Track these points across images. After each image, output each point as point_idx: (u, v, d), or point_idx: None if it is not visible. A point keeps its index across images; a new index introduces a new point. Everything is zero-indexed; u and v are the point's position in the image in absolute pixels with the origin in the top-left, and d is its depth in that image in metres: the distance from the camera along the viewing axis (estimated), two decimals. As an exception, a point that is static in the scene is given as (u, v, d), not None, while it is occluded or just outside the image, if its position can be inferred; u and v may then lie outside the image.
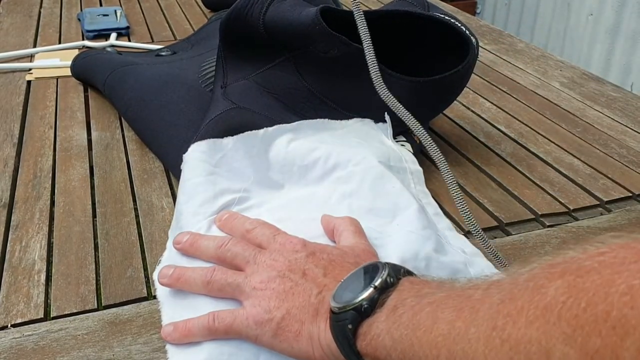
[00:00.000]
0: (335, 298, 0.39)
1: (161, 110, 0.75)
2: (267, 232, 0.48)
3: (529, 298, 0.28)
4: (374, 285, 0.38)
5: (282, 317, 0.41)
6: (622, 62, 2.23)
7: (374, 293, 0.38)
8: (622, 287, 0.24)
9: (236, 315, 0.43)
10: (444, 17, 0.72)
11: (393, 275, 0.39)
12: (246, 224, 0.50)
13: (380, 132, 0.69)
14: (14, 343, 0.46)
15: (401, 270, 0.40)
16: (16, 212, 0.63)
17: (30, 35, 1.17)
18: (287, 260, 0.44)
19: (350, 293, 0.39)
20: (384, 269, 0.39)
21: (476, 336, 0.29)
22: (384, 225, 0.56)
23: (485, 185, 0.69)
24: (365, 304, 0.37)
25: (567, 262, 0.28)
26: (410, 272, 0.41)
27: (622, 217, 0.64)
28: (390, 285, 0.38)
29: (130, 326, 0.48)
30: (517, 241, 0.60)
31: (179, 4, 1.38)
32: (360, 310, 0.37)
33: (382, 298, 0.37)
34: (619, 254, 0.26)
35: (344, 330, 0.37)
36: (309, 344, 0.40)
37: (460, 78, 0.71)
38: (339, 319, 0.38)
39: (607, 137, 0.81)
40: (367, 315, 0.37)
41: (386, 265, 0.40)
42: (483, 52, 1.10)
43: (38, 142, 0.77)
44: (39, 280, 0.53)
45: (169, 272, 0.48)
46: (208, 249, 0.49)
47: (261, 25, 0.69)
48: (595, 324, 0.24)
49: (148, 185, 0.68)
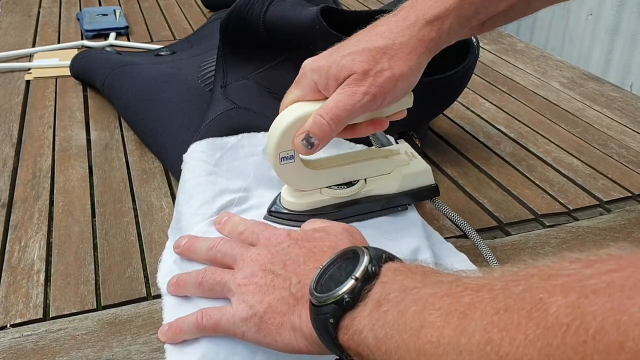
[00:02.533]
0: (315, 289, 0.38)
1: (160, 110, 0.75)
2: (257, 230, 0.49)
3: (527, 313, 0.26)
4: (355, 276, 0.36)
5: (265, 311, 0.41)
6: (622, 62, 2.23)
7: (356, 285, 0.36)
8: (637, 316, 0.22)
9: (223, 313, 0.43)
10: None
11: (375, 263, 0.37)
12: (240, 226, 0.51)
13: None
14: (13, 343, 0.46)
15: (383, 256, 0.38)
16: (15, 212, 0.63)
17: (29, 35, 1.16)
18: (270, 252, 0.44)
19: (330, 283, 0.37)
20: (364, 256, 0.37)
21: (468, 348, 0.28)
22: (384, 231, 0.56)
23: (485, 186, 0.69)
24: (347, 298, 0.36)
25: (569, 275, 0.26)
26: (392, 257, 0.39)
27: (621, 217, 0.64)
28: (372, 275, 0.36)
29: (130, 326, 0.48)
30: (516, 241, 0.60)
31: (178, 4, 1.37)
32: (342, 303, 0.36)
33: (364, 290, 0.36)
34: (630, 273, 0.24)
35: (326, 323, 0.36)
36: (291, 336, 0.40)
37: (460, 78, 0.71)
38: (320, 312, 0.37)
39: (607, 137, 0.81)
40: (349, 309, 0.36)
41: (366, 250, 0.38)
42: (483, 52, 1.10)
43: (37, 142, 0.77)
44: (38, 281, 0.53)
45: (173, 280, 0.49)
46: (202, 251, 0.50)
47: (261, 25, 0.69)
48: (607, 354, 0.22)
49: (147, 185, 0.67)
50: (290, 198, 0.55)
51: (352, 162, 0.56)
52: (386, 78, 0.49)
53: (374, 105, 0.50)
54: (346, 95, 0.49)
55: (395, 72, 0.49)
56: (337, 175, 0.56)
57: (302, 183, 0.55)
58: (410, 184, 0.57)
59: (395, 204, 0.57)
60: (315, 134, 0.49)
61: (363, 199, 0.56)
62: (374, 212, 0.56)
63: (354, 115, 0.50)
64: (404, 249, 0.53)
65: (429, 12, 0.50)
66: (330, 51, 0.52)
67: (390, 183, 0.57)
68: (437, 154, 0.76)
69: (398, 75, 0.50)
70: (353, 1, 1.42)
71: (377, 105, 0.50)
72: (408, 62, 0.50)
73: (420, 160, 0.59)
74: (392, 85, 0.50)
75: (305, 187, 0.55)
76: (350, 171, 0.56)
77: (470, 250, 0.57)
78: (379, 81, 0.49)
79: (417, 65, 0.51)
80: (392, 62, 0.49)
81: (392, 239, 0.55)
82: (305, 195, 0.55)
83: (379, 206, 0.56)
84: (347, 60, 0.49)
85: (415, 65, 0.50)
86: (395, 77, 0.49)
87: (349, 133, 0.54)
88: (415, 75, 0.51)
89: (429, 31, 0.50)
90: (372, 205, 0.54)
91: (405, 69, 0.50)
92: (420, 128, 0.76)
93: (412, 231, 0.56)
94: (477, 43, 0.71)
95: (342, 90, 0.49)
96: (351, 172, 0.56)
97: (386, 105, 0.51)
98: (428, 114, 0.77)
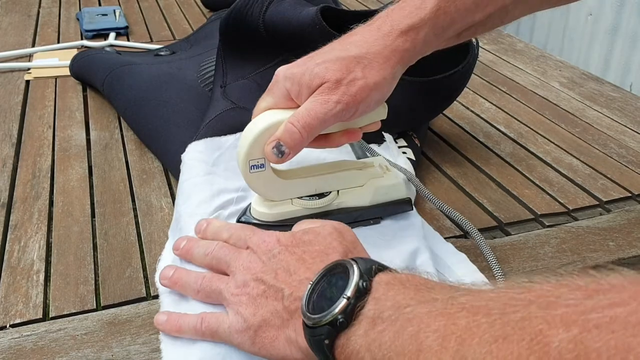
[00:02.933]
0: (307, 308, 0.37)
1: (160, 110, 0.75)
2: (242, 236, 0.48)
3: (527, 345, 0.25)
4: (347, 295, 0.35)
5: (259, 324, 0.41)
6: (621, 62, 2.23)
7: (348, 304, 0.35)
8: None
9: (220, 322, 0.43)
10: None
11: (365, 278, 0.36)
12: (223, 233, 0.50)
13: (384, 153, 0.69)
14: (13, 343, 0.46)
15: (373, 268, 0.37)
16: (15, 212, 0.63)
17: (29, 35, 1.16)
18: (261, 260, 0.44)
19: (322, 302, 0.37)
20: (353, 271, 0.36)
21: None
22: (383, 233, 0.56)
23: (484, 186, 0.69)
24: (341, 318, 0.35)
25: (569, 306, 0.25)
26: (382, 267, 0.38)
27: (621, 217, 0.64)
28: (364, 292, 0.35)
29: (129, 326, 0.48)
30: (516, 241, 0.60)
31: (178, 4, 1.37)
32: (336, 324, 0.35)
33: (357, 307, 0.35)
34: (633, 309, 0.23)
35: (321, 344, 0.36)
36: (286, 348, 0.40)
37: (460, 78, 0.71)
38: (314, 333, 0.36)
39: (607, 137, 0.81)
40: (344, 329, 0.35)
41: (355, 264, 0.37)
42: (482, 52, 1.10)
43: (37, 142, 0.77)
44: (37, 281, 0.53)
45: (169, 273, 0.49)
46: (199, 257, 0.49)
47: (261, 25, 0.69)
48: None
49: (147, 185, 0.67)
50: (260, 208, 0.54)
51: (325, 173, 0.55)
52: (359, 87, 0.49)
53: (346, 114, 0.49)
54: (318, 104, 0.48)
55: (369, 81, 0.49)
56: (309, 186, 0.55)
57: (273, 193, 0.54)
58: (383, 197, 0.56)
59: (367, 216, 0.56)
60: (286, 142, 0.49)
61: (335, 210, 0.55)
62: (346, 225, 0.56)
63: (326, 124, 0.49)
64: (403, 250, 0.53)
65: (404, 22, 0.50)
66: (304, 59, 0.51)
67: (363, 195, 0.56)
68: (436, 154, 0.76)
69: (371, 84, 0.49)
70: (353, 1, 1.42)
71: (350, 115, 0.50)
72: (382, 72, 0.50)
73: (394, 174, 0.58)
74: (365, 95, 0.49)
75: (276, 197, 0.54)
76: (322, 182, 0.55)
77: (470, 250, 0.57)
78: (352, 90, 0.48)
79: (391, 76, 0.50)
80: (365, 72, 0.49)
81: (391, 239, 0.55)
82: (276, 206, 0.54)
83: (351, 218, 0.55)
84: (320, 68, 0.49)
85: (389, 75, 0.50)
86: (368, 86, 0.49)
87: (322, 143, 0.53)
88: (389, 85, 0.51)
89: (403, 41, 0.50)
90: (344, 217, 0.53)
91: (378, 79, 0.49)
92: (420, 128, 0.76)
93: (411, 232, 0.56)
94: (476, 43, 0.71)
95: (315, 99, 0.49)
96: (323, 183, 0.55)
97: (359, 115, 0.50)
98: (428, 114, 0.77)
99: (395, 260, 0.52)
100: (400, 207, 0.57)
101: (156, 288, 0.51)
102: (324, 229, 0.45)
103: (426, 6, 0.50)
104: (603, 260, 0.57)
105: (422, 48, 0.52)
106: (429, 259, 0.53)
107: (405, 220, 0.58)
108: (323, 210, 0.55)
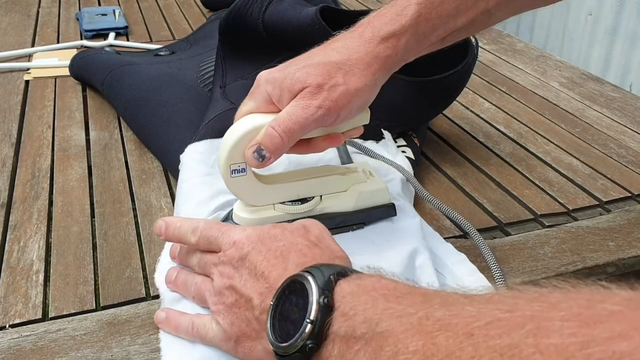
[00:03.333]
0: (273, 336, 0.36)
1: (160, 110, 0.75)
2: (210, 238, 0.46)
3: None
4: (310, 319, 0.34)
5: (237, 335, 0.41)
6: (621, 62, 2.23)
7: (314, 327, 0.34)
8: None
9: (207, 330, 0.43)
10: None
11: (326, 293, 0.35)
12: (191, 237, 0.47)
13: (382, 149, 0.69)
14: (12, 344, 0.46)
15: (331, 279, 0.36)
16: (14, 212, 0.63)
17: (28, 35, 1.16)
18: (232, 266, 0.43)
19: (287, 327, 0.36)
20: (310, 288, 0.35)
21: None
22: None
23: (484, 186, 0.69)
24: (310, 344, 0.34)
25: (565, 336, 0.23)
26: (342, 273, 0.37)
27: (621, 217, 0.64)
28: (327, 309, 0.34)
29: (129, 327, 0.48)
30: (516, 241, 0.59)
31: (177, 4, 1.37)
32: (306, 350, 0.34)
33: (325, 326, 0.34)
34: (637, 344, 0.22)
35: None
36: (265, 357, 0.40)
37: (459, 78, 0.71)
38: None
39: (606, 137, 0.81)
40: (315, 351, 0.34)
41: (311, 278, 0.36)
42: (482, 51, 1.10)
43: (36, 142, 0.77)
44: (37, 281, 0.53)
45: (172, 276, 0.49)
46: (192, 263, 0.48)
47: (260, 25, 0.69)
48: None
49: (147, 186, 0.67)
50: (242, 213, 0.53)
51: (307, 178, 0.55)
52: (340, 93, 0.48)
53: (328, 119, 0.49)
54: (299, 108, 0.48)
55: (350, 87, 0.49)
56: (291, 190, 0.54)
57: (254, 198, 0.53)
58: (367, 202, 0.56)
59: (351, 221, 0.56)
60: (267, 147, 0.48)
61: (318, 216, 0.54)
62: (329, 230, 0.55)
63: (307, 129, 0.49)
64: (402, 250, 0.53)
65: (385, 29, 0.50)
66: (286, 64, 0.51)
67: (346, 201, 0.55)
68: (436, 154, 0.76)
69: (353, 90, 0.49)
70: (353, 1, 1.42)
71: (331, 121, 0.49)
72: (363, 78, 0.50)
73: (377, 179, 0.57)
74: (346, 101, 0.49)
75: (257, 202, 0.53)
76: (304, 187, 0.54)
77: (470, 250, 0.57)
78: (333, 96, 0.48)
79: (372, 82, 0.50)
80: (346, 78, 0.49)
81: (390, 240, 0.55)
82: (258, 211, 0.53)
83: (334, 224, 0.54)
84: (302, 73, 0.49)
85: (370, 81, 0.50)
86: (349, 92, 0.49)
87: (304, 148, 0.53)
88: (370, 91, 0.51)
89: (384, 48, 0.50)
90: (326, 223, 0.52)
91: (360, 85, 0.49)
92: (420, 128, 0.76)
93: (410, 232, 0.56)
94: (476, 43, 0.71)
95: (296, 103, 0.49)
96: (306, 188, 0.55)
97: (341, 121, 0.50)
98: (427, 114, 0.77)
99: (395, 261, 0.52)
100: (384, 213, 0.57)
101: (156, 288, 0.51)
102: (292, 225, 0.45)
103: (407, 13, 0.50)
104: (603, 260, 0.57)
105: (404, 55, 0.52)
106: (429, 259, 0.53)
107: (404, 220, 0.57)
108: (305, 216, 0.54)
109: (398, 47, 0.51)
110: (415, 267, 0.52)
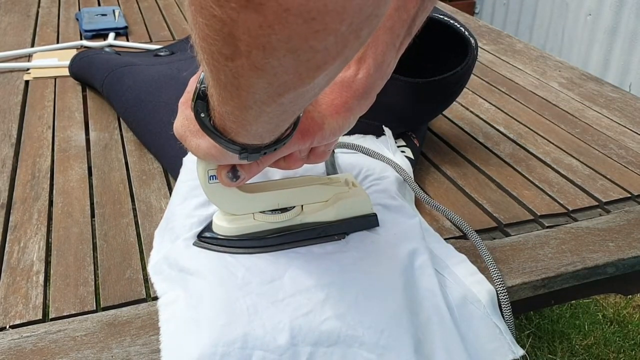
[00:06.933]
0: None
1: (159, 111, 0.75)
2: None
3: None
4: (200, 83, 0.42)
5: None
6: (621, 63, 2.23)
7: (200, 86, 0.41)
8: None
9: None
10: (443, 17, 0.72)
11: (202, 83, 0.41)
12: None
13: (382, 146, 0.69)
14: (13, 344, 0.46)
15: None
16: (14, 213, 0.63)
17: (28, 35, 1.16)
18: None
19: None
20: None
21: None
22: None
23: (484, 186, 0.69)
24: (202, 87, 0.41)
25: None
26: None
27: (620, 218, 0.64)
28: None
29: (129, 327, 0.48)
30: (516, 242, 0.60)
31: (177, 4, 1.37)
32: (202, 95, 0.41)
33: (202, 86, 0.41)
34: None
35: (202, 121, 0.42)
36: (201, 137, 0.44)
37: (459, 79, 0.71)
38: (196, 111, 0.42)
39: (606, 138, 0.81)
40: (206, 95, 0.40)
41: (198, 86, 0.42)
42: (482, 52, 1.10)
43: (36, 143, 0.77)
44: (37, 282, 0.53)
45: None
46: None
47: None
48: None
49: (147, 186, 0.67)
50: (221, 222, 0.52)
51: (288, 187, 0.54)
52: (312, 119, 0.47)
53: (303, 144, 0.48)
54: None
55: (323, 112, 0.48)
56: (271, 200, 0.53)
57: (233, 206, 0.52)
58: (348, 212, 0.55)
59: (332, 232, 0.55)
60: (242, 168, 0.48)
61: (298, 225, 0.53)
62: (310, 240, 0.54)
63: (282, 154, 0.48)
64: (402, 250, 0.53)
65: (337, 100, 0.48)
66: None
67: (327, 211, 0.55)
68: (436, 154, 0.76)
69: (327, 115, 0.48)
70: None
71: (307, 146, 0.48)
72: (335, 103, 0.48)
73: (359, 189, 0.57)
74: (318, 127, 0.48)
75: (236, 211, 0.53)
76: (285, 196, 0.54)
77: (470, 251, 0.57)
78: (307, 123, 0.47)
79: (344, 107, 0.49)
80: (316, 105, 0.48)
81: (390, 240, 0.55)
82: (237, 220, 0.52)
83: (315, 234, 0.54)
84: None
85: (342, 107, 0.49)
86: (322, 117, 0.48)
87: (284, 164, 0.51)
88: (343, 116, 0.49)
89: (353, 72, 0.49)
90: (307, 233, 0.52)
91: (331, 111, 0.48)
92: (419, 128, 0.76)
93: (410, 233, 0.56)
94: (475, 44, 0.71)
95: None
96: (286, 198, 0.54)
97: (317, 143, 0.49)
98: (427, 115, 0.77)
99: (395, 261, 0.52)
100: (366, 222, 0.56)
101: (155, 290, 0.51)
102: None
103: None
104: (603, 261, 0.57)
105: None
106: (428, 260, 0.53)
107: (404, 221, 0.57)
108: (286, 225, 0.53)
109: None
110: (414, 268, 0.52)
